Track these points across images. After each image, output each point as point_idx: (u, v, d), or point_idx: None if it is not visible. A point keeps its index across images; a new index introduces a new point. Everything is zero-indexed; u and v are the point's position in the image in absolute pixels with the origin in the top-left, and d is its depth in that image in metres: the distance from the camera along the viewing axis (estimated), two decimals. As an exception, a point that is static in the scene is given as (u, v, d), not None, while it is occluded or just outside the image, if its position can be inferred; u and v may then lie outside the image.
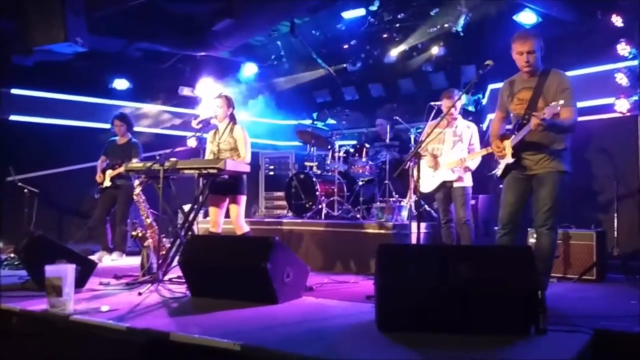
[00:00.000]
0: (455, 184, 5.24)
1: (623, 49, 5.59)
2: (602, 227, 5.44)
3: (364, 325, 3.19)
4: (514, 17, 6.40)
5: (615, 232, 5.55)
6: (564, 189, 3.90)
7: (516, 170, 3.99)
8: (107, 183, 6.58)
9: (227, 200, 5.13)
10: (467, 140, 5.30)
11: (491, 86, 7.18)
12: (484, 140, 5.55)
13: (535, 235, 5.34)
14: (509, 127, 4.07)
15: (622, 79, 5.59)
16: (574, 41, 6.02)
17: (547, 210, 3.88)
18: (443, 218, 5.42)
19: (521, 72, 3.98)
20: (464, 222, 5.17)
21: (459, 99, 5.14)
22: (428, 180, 5.35)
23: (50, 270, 3.39)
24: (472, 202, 5.67)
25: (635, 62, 5.64)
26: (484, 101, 7.30)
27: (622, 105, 5.56)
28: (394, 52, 7.89)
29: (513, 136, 3.93)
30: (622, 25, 5.62)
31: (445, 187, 5.31)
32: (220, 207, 5.14)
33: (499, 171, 4.13)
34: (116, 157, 6.60)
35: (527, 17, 6.31)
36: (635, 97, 5.58)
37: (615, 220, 5.56)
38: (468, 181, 5.28)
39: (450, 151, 5.28)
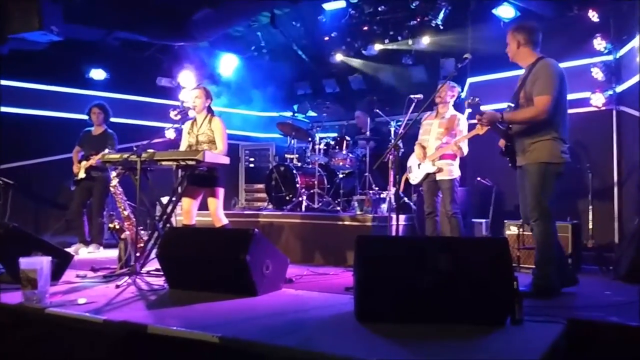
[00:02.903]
0: (441, 177, 5.16)
1: (599, 44, 5.67)
2: (577, 220, 5.54)
3: (343, 316, 3.21)
4: (493, 11, 6.44)
5: (590, 224, 5.65)
6: (550, 180, 3.86)
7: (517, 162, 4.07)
8: (82, 174, 6.49)
9: (202, 192, 5.10)
10: (452, 128, 5.22)
11: (470, 79, 7.23)
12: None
13: (512, 228, 5.47)
14: None
15: (597, 74, 5.68)
16: (551, 36, 6.08)
17: (530, 202, 3.91)
18: (427, 209, 5.35)
19: None
20: (451, 214, 5.09)
21: (449, 87, 5.21)
22: (415, 171, 5.38)
23: (25, 262, 3.33)
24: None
25: (611, 57, 5.74)
26: (463, 94, 7.34)
27: (598, 100, 5.65)
28: (375, 46, 7.91)
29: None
30: (598, 20, 5.71)
31: (431, 179, 5.26)
32: (194, 199, 5.10)
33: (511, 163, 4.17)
34: (91, 147, 6.51)
35: (505, 11, 6.36)
36: (611, 92, 5.68)
37: (590, 213, 5.66)
38: (455, 172, 5.18)
39: (434, 142, 5.24)
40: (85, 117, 6.76)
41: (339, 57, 8.52)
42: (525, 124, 3.92)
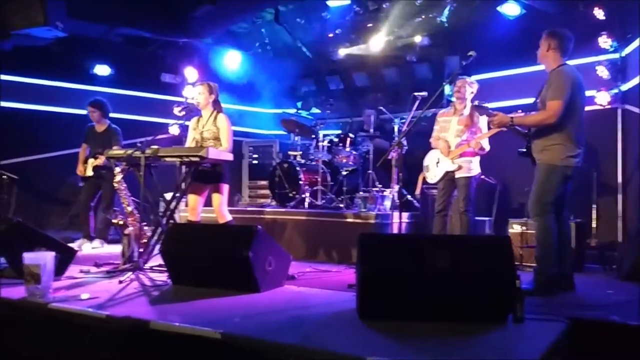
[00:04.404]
0: (459, 174, 5.08)
1: (604, 41, 5.64)
2: (581, 218, 5.53)
3: (345, 313, 3.21)
4: (498, 8, 6.42)
5: (594, 223, 5.63)
6: (554, 181, 3.90)
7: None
8: (90, 172, 6.49)
9: (208, 189, 5.11)
10: (472, 125, 5.11)
11: (474, 77, 7.19)
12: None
13: (515, 226, 5.46)
14: None
15: (603, 72, 5.66)
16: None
17: (530, 198, 4.00)
18: (438, 207, 5.24)
19: None
20: (463, 211, 5.04)
21: (469, 83, 5.18)
22: (433, 170, 5.29)
23: (28, 257, 3.35)
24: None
25: (616, 55, 5.71)
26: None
27: (603, 98, 5.64)
28: (379, 42, 7.89)
29: None
30: (603, 18, 5.67)
31: (449, 177, 5.17)
32: (200, 195, 5.11)
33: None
34: (97, 145, 6.50)
35: (510, 9, 6.33)
36: (616, 90, 5.66)
37: (594, 212, 5.64)
38: (474, 170, 5.11)
39: (453, 140, 5.14)
40: (85, 112, 6.77)
41: (343, 54, 8.51)
42: (535, 127, 3.99)
